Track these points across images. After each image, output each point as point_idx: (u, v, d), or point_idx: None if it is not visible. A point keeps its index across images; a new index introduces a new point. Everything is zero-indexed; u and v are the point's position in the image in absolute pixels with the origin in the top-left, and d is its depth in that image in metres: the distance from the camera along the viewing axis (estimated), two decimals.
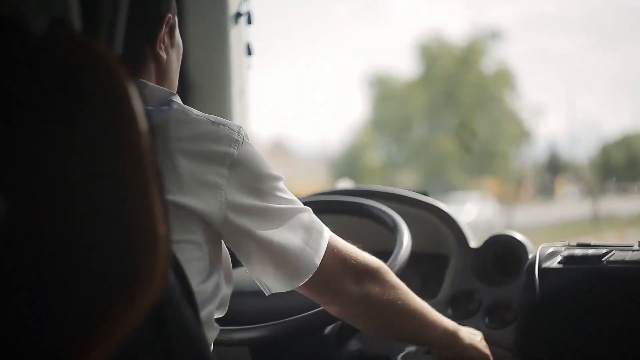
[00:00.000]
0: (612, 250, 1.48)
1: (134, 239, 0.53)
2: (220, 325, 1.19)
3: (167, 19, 1.16)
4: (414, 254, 1.49)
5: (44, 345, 0.51)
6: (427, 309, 1.31)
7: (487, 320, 1.63)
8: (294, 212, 1.13)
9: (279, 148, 25.73)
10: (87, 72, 0.54)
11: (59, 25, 0.55)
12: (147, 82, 1.13)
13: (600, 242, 1.55)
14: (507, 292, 1.63)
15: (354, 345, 1.53)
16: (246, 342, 1.34)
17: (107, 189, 0.53)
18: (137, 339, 0.54)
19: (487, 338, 1.59)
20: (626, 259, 1.44)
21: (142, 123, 0.54)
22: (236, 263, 1.23)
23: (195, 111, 1.10)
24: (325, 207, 1.56)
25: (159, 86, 1.15)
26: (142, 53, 1.15)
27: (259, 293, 1.47)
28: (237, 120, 1.91)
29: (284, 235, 1.11)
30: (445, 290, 1.70)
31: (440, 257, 1.76)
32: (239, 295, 1.47)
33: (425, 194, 1.83)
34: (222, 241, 1.14)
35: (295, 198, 1.16)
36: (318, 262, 1.14)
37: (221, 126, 1.09)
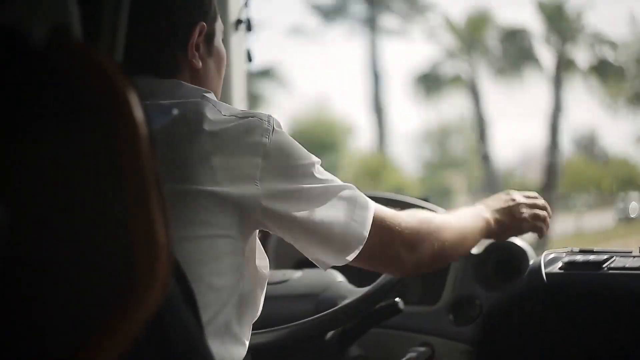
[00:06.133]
0: (612, 257, 1.49)
1: (132, 246, 0.53)
2: None
3: (199, 27, 1.19)
4: None
5: (43, 353, 0.51)
6: (461, 224, 1.38)
7: None
8: (334, 190, 1.15)
9: None
10: (87, 80, 0.54)
11: (59, 33, 0.56)
12: (182, 82, 1.17)
13: (602, 249, 1.55)
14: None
15: (355, 350, 1.53)
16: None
17: (106, 196, 0.54)
18: (136, 345, 0.54)
19: None
20: (627, 265, 1.45)
21: (143, 130, 0.54)
22: None
23: (224, 106, 1.13)
24: None
25: (194, 85, 1.18)
26: (174, 59, 1.18)
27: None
28: None
29: (326, 213, 1.13)
30: (446, 295, 1.70)
31: None
32: None
33: (426, 199, 1.83)
34: (254, 241, 1.17)
35: (334, 178, 1.18)
36: (366, 233, 1.16)
37: (250, 118, 1.11)
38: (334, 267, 1.59)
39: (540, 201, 1.54)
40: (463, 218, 1.40)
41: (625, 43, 18.15)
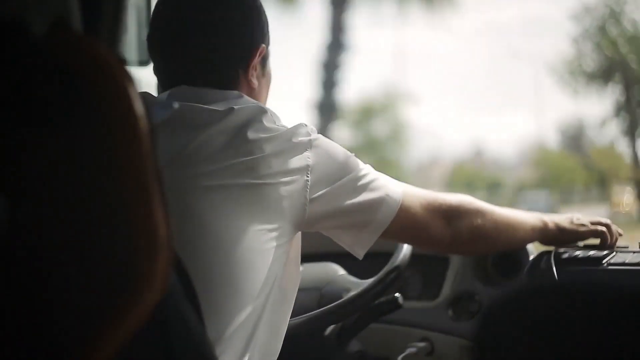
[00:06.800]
0: (613, 252, 1.49)
1: (133, 241, 0.53)
2: None
3: (260, 49, 1.26)
4: (415, 255, 1.49)
5: (42, 350, 0.51)
6: (512, 215, 1.45)
7: None
8: (369, 176, 1.25)
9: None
10: (87, 73, 0.54)
11: (59, 26, 0.55)
12: (242, 94, 1.23)
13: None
14: None
15: (354, 346, 1.53)
16: None
17: (107, 191, 0.53)
18: (137, 340, 0.54)
19: None
20: (627, 261, 1.45)
21: (143, 124, 0.54)
22: None
23: (278, 117, 1.21)
24: None
25: (251, 99, 1.23)
26: (236, 76, 1.24)
27: None
28: None
29: (363, 198, 1.23)
30: (446, 291, 1.70)
31: (441, 258, 1.75)
32: None
33: None
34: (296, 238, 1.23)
35: (367, 165, 1.27)
36: (398, 204, 1.25)
37: (295, 124, 1.21)
38: (338, 262, 1.60)
39: (603, 220, 1.57)
40: (514, 212, 1.46)
41: (590, 8, 15.71)
